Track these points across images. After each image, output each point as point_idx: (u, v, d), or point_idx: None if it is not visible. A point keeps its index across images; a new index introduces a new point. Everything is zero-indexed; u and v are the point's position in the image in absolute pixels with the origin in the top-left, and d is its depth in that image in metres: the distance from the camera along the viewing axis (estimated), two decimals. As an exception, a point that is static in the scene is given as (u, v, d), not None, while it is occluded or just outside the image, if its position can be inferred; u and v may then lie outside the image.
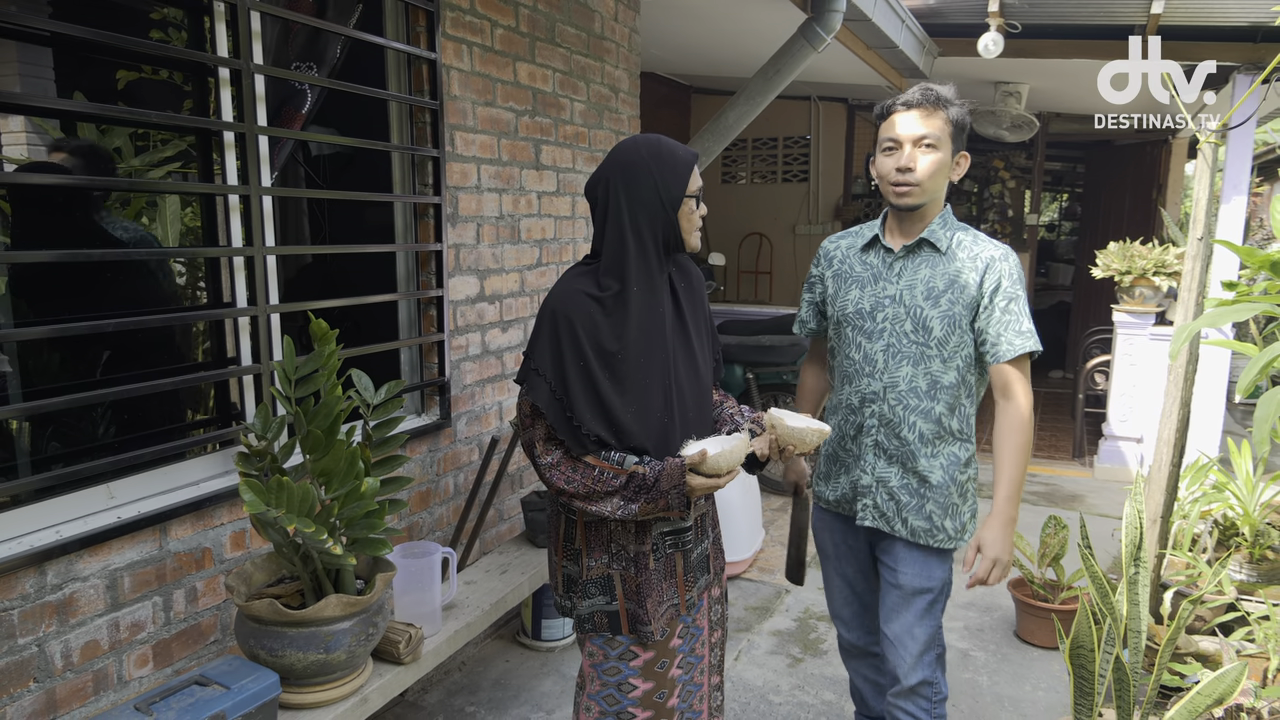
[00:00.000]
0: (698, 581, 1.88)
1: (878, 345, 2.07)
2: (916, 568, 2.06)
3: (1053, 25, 4.87)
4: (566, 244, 3.53)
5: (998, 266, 1.99)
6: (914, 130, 1.98)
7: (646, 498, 1.66)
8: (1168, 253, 5.27)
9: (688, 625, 1.87)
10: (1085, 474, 5.60)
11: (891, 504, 2.08)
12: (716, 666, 1.99)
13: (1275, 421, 2.60)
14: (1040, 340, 2.00)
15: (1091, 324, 6.97)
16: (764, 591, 3.76)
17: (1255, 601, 3.16)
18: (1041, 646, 3.29)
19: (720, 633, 1.99)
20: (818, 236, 8.61)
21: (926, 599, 2.05)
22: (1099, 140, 9.05)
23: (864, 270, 2.13)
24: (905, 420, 2.05)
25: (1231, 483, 3.55)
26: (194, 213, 4.63)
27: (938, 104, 1.99)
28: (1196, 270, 3.02)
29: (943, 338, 2.01)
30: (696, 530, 1.86)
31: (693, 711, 1.89)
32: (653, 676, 1.80)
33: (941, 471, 2.05)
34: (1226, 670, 2.00)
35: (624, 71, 3.86)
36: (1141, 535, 2.18)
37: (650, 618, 1.76)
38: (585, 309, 1.69)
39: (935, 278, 2.03)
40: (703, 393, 1.85)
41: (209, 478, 2.14)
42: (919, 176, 1.98)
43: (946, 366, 2.02)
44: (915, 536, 2.06)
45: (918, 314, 2.03)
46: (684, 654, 1.86)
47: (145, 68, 3.73)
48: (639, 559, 1.76)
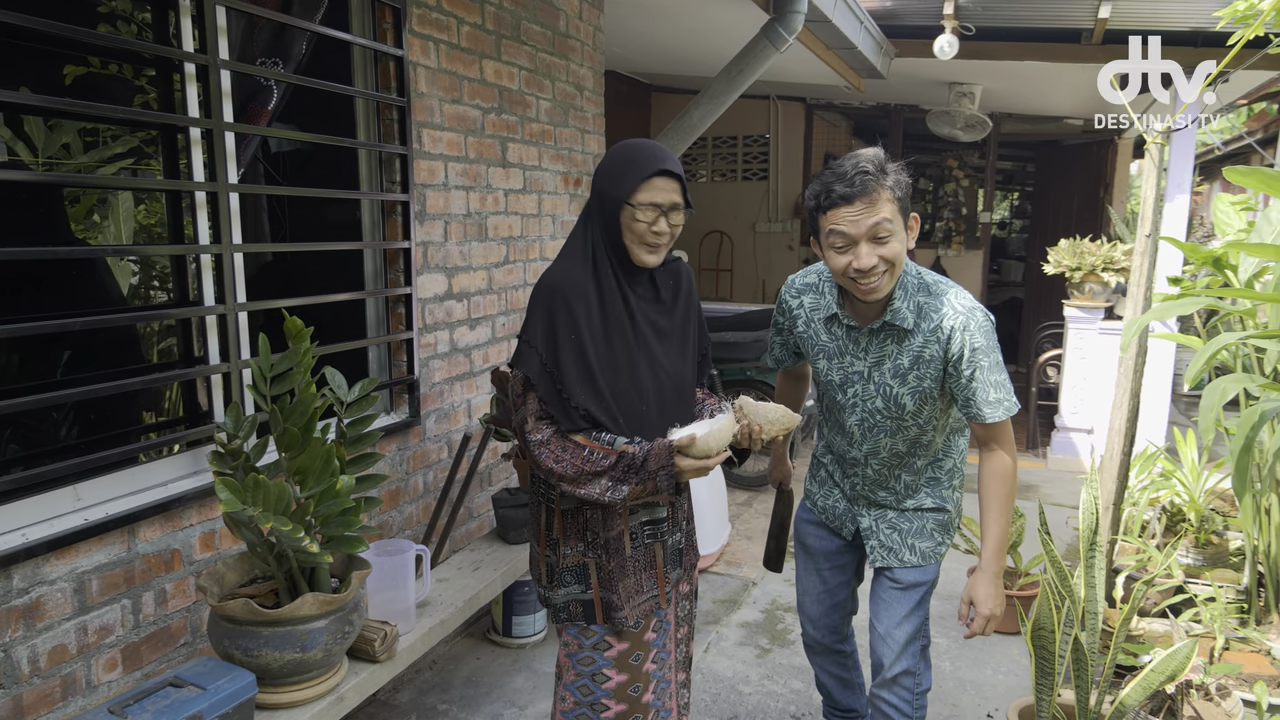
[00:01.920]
0: (673, 572, 1.90)
1: (852, 419, 2.06)
2: (911, 565, 2.12)
3: (1006, 28, 5.00)
4: (534, 241, 3.53)
5: (957, 339, 1.91)
6: (863, 224, 1.81)
7: (636, 478, 1.68)
8: (1116, 249, 5.43)
9: (660, 619, 1.89)
10: (1039, 465, 5.76)
11: (894, 535, 2.12)
12: (683, 663, 2.02)
13: (1219, 411, 2.71)
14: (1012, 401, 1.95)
15: (1043, 319, 7.16)
16: (731, 584, 3.81)
17: (1202, 584, 3.29)
18: (1001, 632, 3.39)
19: (686, 629, 2.01)
20: (778, 234, 8.71)
21: (919, 591, 2.11)
22: (1048, 140, 9.29)
23: (830, 340, 2.06)
24: (892, 475, 2.10)
25: (1178, 471, 3.68)
26: (147, 210, 4.54)
27: (877, 181, 1.81)
28: (1145, 266, 3.13)
29: (915, 410, 2.00)
30: (671, 520, 1.89)
31: (665, 709, 1.90)
32: (627, 669, 1.81)
33: (931, 497, 2.12)
34: (1178, 648, 2.09)
35: (589, 70, 3.87)
36: (1097, 521, 2.26)
37: (623, 603, 1.78)
38: (580, 287, 1.73)
39: (901, 354, 1.97)
40: (682, 386, 1.87)
41: (177, 478, 2.12)
42: (881, 271, 1.85)
43: (924, 429, 2.04)
44: (925, 560, 2.10)
45: (888, 392, 2.00)
46: (658, 649, 1.87)
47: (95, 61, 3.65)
48: (613, 543, 1.78)
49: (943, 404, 2.03)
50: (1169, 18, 4.56)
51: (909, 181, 1.88)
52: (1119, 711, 2.18)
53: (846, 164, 1.84)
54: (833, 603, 2.30)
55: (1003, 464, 1.99)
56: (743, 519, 4.60)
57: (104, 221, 4.38)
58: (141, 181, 2.78)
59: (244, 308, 2.21)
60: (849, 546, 2.24)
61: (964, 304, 1.94)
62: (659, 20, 4.67)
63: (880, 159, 1.85)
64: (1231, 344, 2.86)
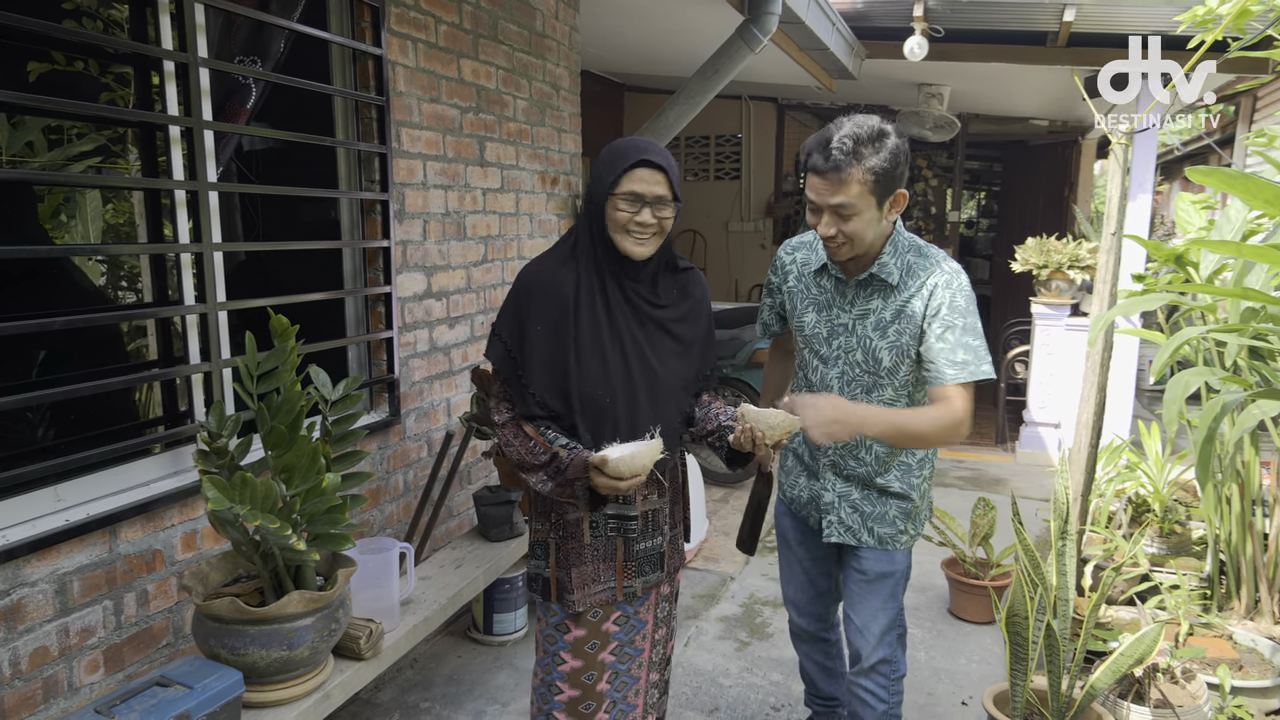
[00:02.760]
0: (644, 575, 1.92)
1: (833, 372, 2.09)
2: (879, 556, 2.14)
3: (974, 30, 5.09)
4: (511, 240, 3.54)
5: (939, 294, 1.95)
6: (828, 199, 1.88)
7: (557, 482, 1.75)
8: (1081, 247, 5.55)
9: (628, 615, 1.92)
10: (1008, 459, 5.87)
11: (856, 516, 2.13)
12: (658, 664, 2.03)
13: (1182, 404, 2.79)
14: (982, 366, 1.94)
15: (1010, 316, 7.28)
16: (710, 580, 3.84)
17: (1166, 572, 3.38)
18: (974, 622, 3.46)
19: (665, 630, 2.03)
20: (750, 233, 8.78)
21: (890, 582, 2.14)
22: (1015, 140, 9.44)
23: (819, 293, 2.11)
24: (863, 443, 2.10)
25: (1143, 463, 3.78)
26: (115, 210, 4.47)
27: (850, 162, 1.84)
28: (1110, 264, 3.21)
29: (892, 368, 2.03)
30: (647, 524, 1.90)
31: (626, 704, 1.94)
32: (582, 655, 1.88)
33: (900, 481, 2.12)
34: (1146, 631, 2.16)
35: (565, 69, 3.89)
36: (1068, 510, 2.33)
37: (574, 587, 1.85)
38: (551, 280, 1.81)
39: (885, 309, 2.01)
40: (664, 389, 1.87)
41: (158, 478, 2.11)
42: (841, 242, 1.93)
43: (898, 395, 2.05)
44: (882, 544, 2.12)
45: (868, 345, 2.04)
46: (620, 642, 1.91)
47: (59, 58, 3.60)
48: (570, 527, 1.86)
49: (916, 371, 2.04)
50: (1130, 22, 4.68)
51: (891, 161, 1.86)
52: (1090, 695, 2.24)
53: (834, 132, 1.87)
54: (816, 592, 2.34)
55: (952, 413, 1.91)
56: (720, 515, 4.64)
57: (71, 221, 4.32)
58: (123, 180, 2.76)
59: (224, 307, 2.20)
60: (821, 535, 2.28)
61: (952, 266, 2.00)
62: (634, 20, 4.70)
63: (864, 136, 1.85)
64: (1193, 338, 2.95)
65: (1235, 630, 2.97)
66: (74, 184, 3.82)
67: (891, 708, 2.20)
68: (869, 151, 1.86)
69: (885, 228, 1.99)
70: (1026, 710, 2.33)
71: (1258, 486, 3.19)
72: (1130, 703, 2.37)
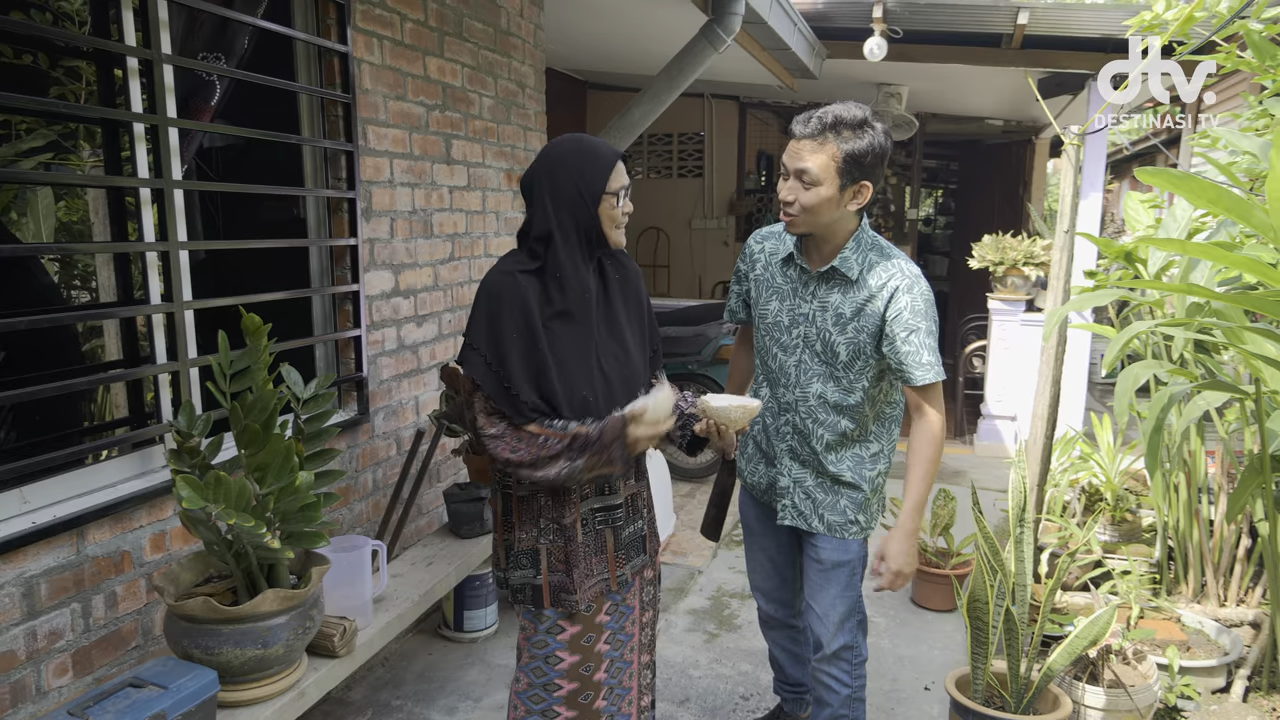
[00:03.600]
0: (631, 560, 1.96)
1: (791, 360, 2.16)
2: (834, 544, 2.20)
3: (931, 32, 5.19)
4: (478, 238, 3.55)
5: (900, 299, 2.02)
6: (796, 163, 1.98)
7: (592, 451, 1.74)
8: (1036, 244, 5.69)
9: (617, 603, 1.95)
10: (967, 451, 6.00)
11: (808, 503, 2.20)
12: (647, 645, 2.08)
13: (1132, 396, 2.90)
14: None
15: (968, 312, 7.44)
16: (678, 574, 3.89)
17: (1118, 559, 3.51)
18: (935, 610, 3.55)
19: (651, 613, 2.08)
20: (713, 231, 8.84)
21: (845, 571, 2.20)
22: (971, 139, 9.64)
23: (784, 282, 2.18)
24: (814, 432, 2.16)
25: (1095, 454, 3.91)
26: (68, 207, 4.38)
27: (830, 133, 1.93)
28: (1064, 261, 3.31)
29: (848, 362, 2.09)
30: (628, 509, 1.95)
31: (622, 688, 1.97)
32: (579, 650, 1.88)
33: (851, 471, 2.17)
34: (1100, 614, 2.25)
35: (530, 67, 3.90)
36: (1026, 499, 2.41)
37: (576, 588, 1.84)
38: (518, 288, 1.80)
39: (845, 304, 2.08)
40: (631, 377, 1.92)
41: (125, 479, 2.09)
42: (795, 210, 2.01)
43: (851, 388, 2.12)
44: (832, 531, 2.18)
45: (826, 338, 2.10)
46: (612, 630, 1.94)
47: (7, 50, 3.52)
48: (566, 530, 1.85)
49: (874, 367, 2.10)
50: (1081, 26, 4.82)
51: (866, 150, 1.94)
52: (1047, 676, 2.33)
53: (822, 109, 1.97)
54: (781, 579, 2.40)
55: (932, 427, 2.07)
56: (686, 510, 4.69)
57: (22, 219, 4.21)
58: (89, 178, 2.71)
59: (191, 306, 2.19)
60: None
61: (912, 270, 2.07)
62: (598, 19, 4.72)
63: (848, 120, 1.94)
64: (1142, 333, 3.06)
65: (1183, 613, 3.09)
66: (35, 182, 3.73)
67: (855, 692, 2.26)
68: (849, 133, 1.95)
69: (846, 218, 2.05)
70: (987, 692, 2.41)
71: (1203, 475, 3.32)
72: (1085, 683, 2.46)
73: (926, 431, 2.09)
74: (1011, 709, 2.35)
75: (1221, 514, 3.25)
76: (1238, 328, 2.40)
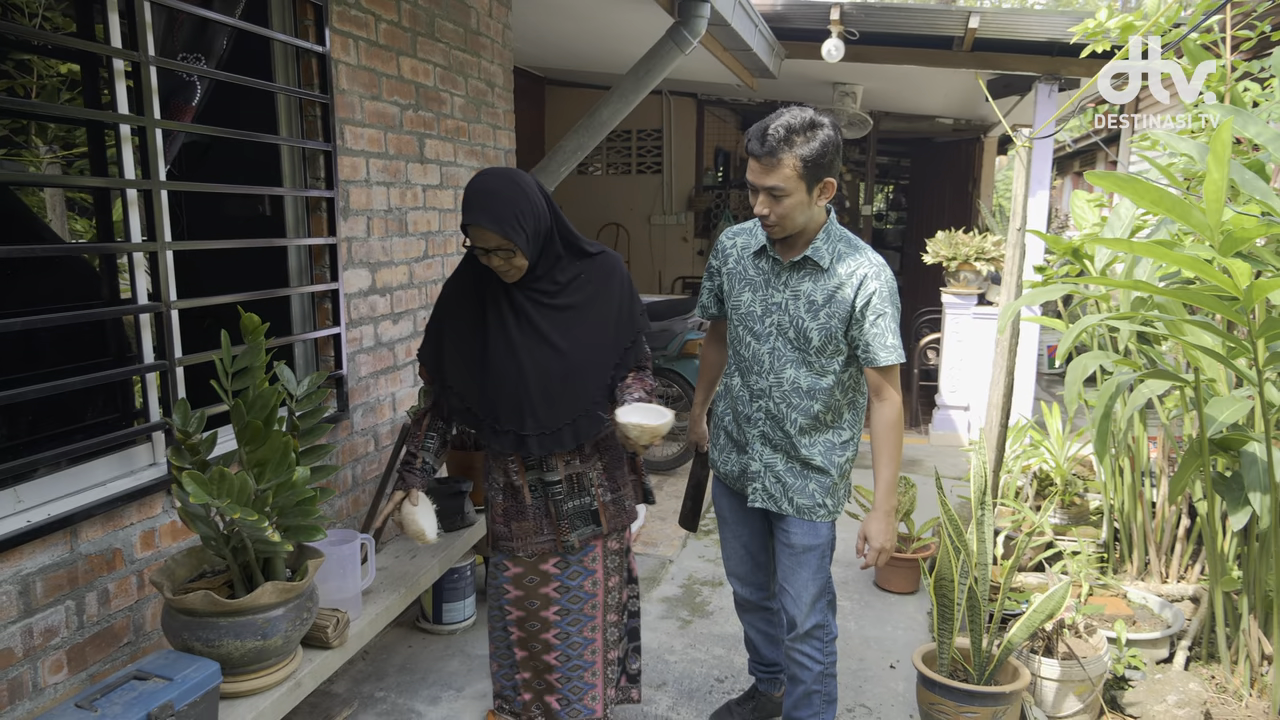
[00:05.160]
0: (578, 529, 2.25)
1: (764, 347, 2.27)
2: (804, 529, 2.30)
3: (886, 34, 5.35)
4: (450, 236, 3.59)
5: (870, 285, 2.14)
6: (762, 181, 2.08)
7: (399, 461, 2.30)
8: (987, 240, 5.90)
9: (569, 562, 2.28)
10: (922, 440, 6.20)
11: (778, 486, 2.30)
12: (614, 607, 2.35)
13: (1080, 385, 3.06)
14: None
15: (921, 306, 7.65)
16: (649, 563, 3.98)
17: (1068, 540, 3.69)
18: (898, 593, 3.70)
19: (619, 579, 2.35)
20: (673, 226, 8.94)
21: (816, 554, 2.31)
22: (922, 137, 9.88)
23: (756, 274, 2.28)
24: (788, 416, 2.26)
25: (1045, 441, 4.10)
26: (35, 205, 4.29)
27: (783, 148, 2.03)
28: (1016, 257, 3.47)
29: (820, 346, 2.20)
30: (571, 486, 2.23)
31: (583, 638, 2.30)
32: (522, 587, 2.29)
33: (822, 456, 2.27)
34: (1055, 589, 2.39)
35: (498, 66, 3.94)
36: (986, 483, 2.54)
37: (512, 537, 2.25)
38: (460, 289, 2.20)
39: (816, 291, 2.19)
40: (574, 372, 2.15)
41: (115, 478, 2.11)
42: (773, 221, 2.13)
43: (823, 372, 2.23)
44: (801, 514, 2.29)
45: (799, 324, 2.21)
46: (562, 582, 2.28)
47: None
48: (516, 491, 2.24)
49: (845, 352, 2.21)
50: (1029, 30, 5.01)
51: (821, 150, 2.05)
52: (1007, 649, 2.47)
53: (772, 122, 2.06)
54: (755, 563, 2.50)
55: (892, 412, 2.20)
56: (656, 500, 4.78)
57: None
58: (75, 179, 2.69)
59: (179, 305, 2.21)
60: (757, 510, 2.43)
61: (878, 259, 2.22)
62: (565, 19, 4.77)
63: (797, 126, 2.04)
64: (1091, 325, 3.23)
65: (1129, 590, 3.28)
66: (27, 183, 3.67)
67: (827, 668, 2.38)
68: (801, 140, 2.05)
69: (817, 213, 2.18)
70: (952, 666, 2.55)
71: (1146, 459, 3.51)
72: (1041, 656, 2.61)
73: (890, 413, 2.21)
74: (975, 680, 2.49)
75: (1164, 496, 3.45)
76: (1178, 320, 2.57)
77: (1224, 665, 2.79)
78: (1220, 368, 2.78)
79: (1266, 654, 2.67)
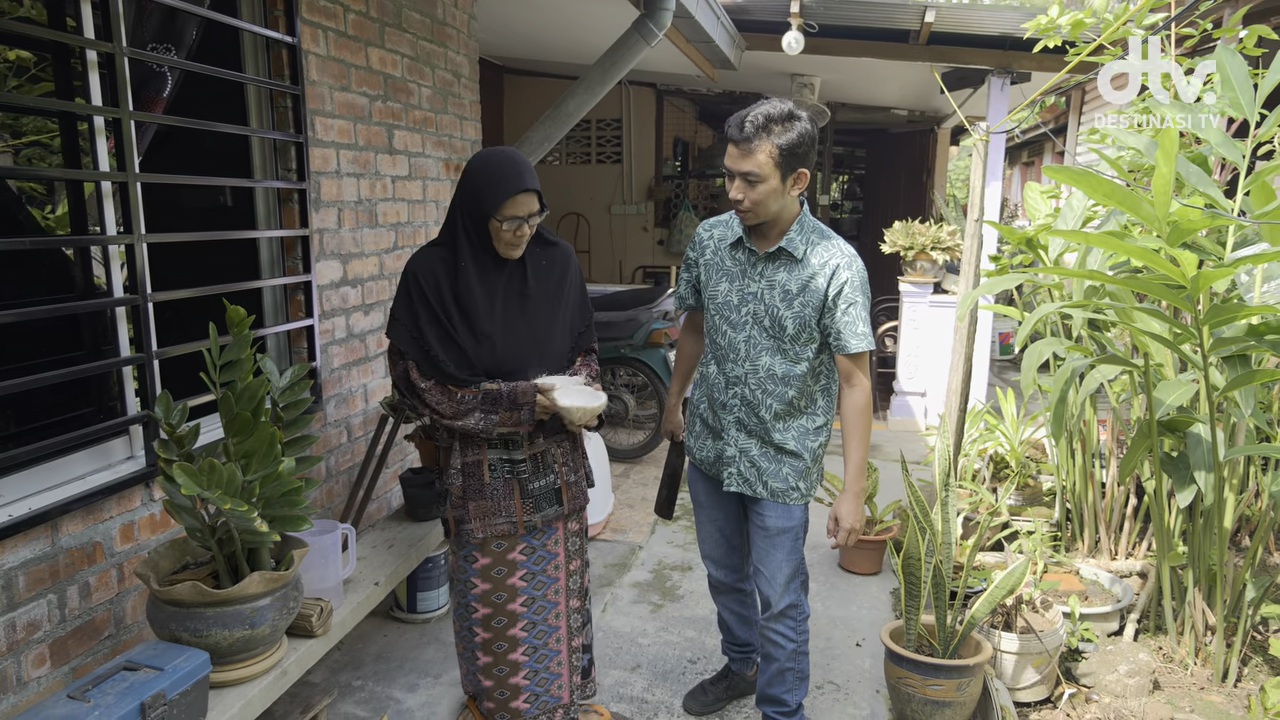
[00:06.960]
0: (541, 510, 2.25)
1: (740, 336, 2.33)
2: (778, 512, 2.38)
3: (845, 26, 5.44)
4: (420, 227, 3.59)
5: (842, 275, 2.22)
6: (739, 166, 2.15)
7: (503, 407, 2.11)
8: (942, 230, 6.05)
9: (534, 547, 2.27)
10: (881, 426, 6.35)
11: (753, 470, 2.37)
12: (576, 591, 2.37)
13: (1035, 371, 3.17)
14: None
15: (878, 294, 7.81)
16: (619, 550, 4.05)
17: (1023, 520, 3.83)
18: (861, 574, 3.81)
19: (579, 562, 2.38)
20: (633, 216, 8.98)
21: (789, 536, 2.39)
22: (877, 128, 10.05)
23: (733, 265, 2.34)
24: (763, 402, 2.33)
25: (1001, 425, 4.24)
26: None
27: (760, 135, 2.10)
28: (974, 248, 3.59)
29: (794, 334, 2.27)
30: (535, 464, 2.24)
31: (548, 625, 2.31)
32: (490, 580, 2.24)
33: (795, 441, 2.34)
34: (1015, 566, 2.51)
35: (464, 57, 3.94)
36: (949, 464, 2.65)
37: (471, 519, 2.19)
38: (432, 270, 2.14)
39: (790, 281, 2.25)
40: (543, 347, 2.21)
41: (94, 471, 2.10)
42: (747, 206, 2.20)
43: (798, 359, 2.30)
44: (775, 497, 2.36)
45: (774, 313, 2.28)
46: (528, 568, 2.27)
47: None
48: (469, 469, 2.19)
49: (818, 339, 2.29)
50: (983, 25, 5.14)
51: (798, 141, 2.12)
52: (970, 625, 2.58)
53: (750, 111, 2.13)
54: (730, 546, 2.57)
55: (862, 397, 2.30)
56: (622, 489, 4.85)
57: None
58: (54, 170, 2.64)
59: (156, 297, 2.20)
60: (732, 494, 2.50)
61: (849, 250, 2.29)
62: (530, 9, 4.77)
63: (776, 116, 2.11)
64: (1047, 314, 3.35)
65: (1081, 566, 3.42)
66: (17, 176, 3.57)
67: (800, 646, 2.47)
68: (779, 129, 2.12)
69: (790, 203, 2.25)
70: (918, 642, 2.65)
71: (1096, 442, 3.66)
72: (1001, 630, 2.73)
73: (860, 398, 2.30)
74: (941, 655, 2.60)
75: (1113, 477, 3.60)
76: (1129, 308, 2.69)
77: (1170, 636, 2.94)
78: (1168, 353, 2.92)
79: (1210, 625, 2.83)
